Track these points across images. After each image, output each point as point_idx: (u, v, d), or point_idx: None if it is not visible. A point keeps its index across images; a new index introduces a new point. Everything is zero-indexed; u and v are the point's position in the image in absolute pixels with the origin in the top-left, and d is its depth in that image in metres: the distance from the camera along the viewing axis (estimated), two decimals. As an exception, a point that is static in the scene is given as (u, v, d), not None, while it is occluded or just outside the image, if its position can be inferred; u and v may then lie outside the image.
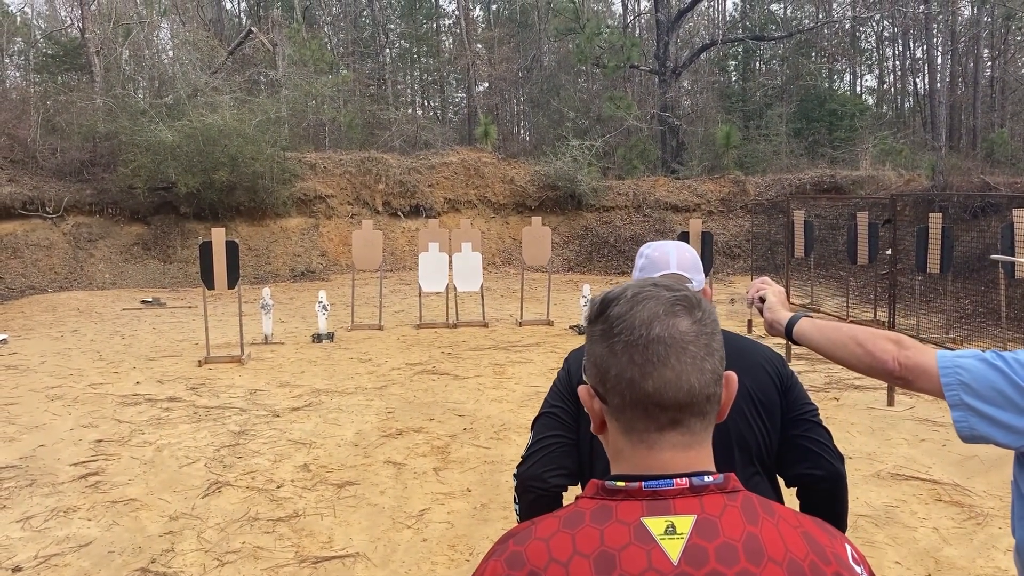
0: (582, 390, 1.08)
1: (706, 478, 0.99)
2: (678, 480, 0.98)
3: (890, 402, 7.68)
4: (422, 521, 5.11)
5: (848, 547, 1.01)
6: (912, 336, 10.54)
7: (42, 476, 6.03)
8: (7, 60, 30.08)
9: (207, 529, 5.02)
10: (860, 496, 5.33)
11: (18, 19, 30.64)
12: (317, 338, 11.67)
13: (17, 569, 4.52)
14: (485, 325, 12.92)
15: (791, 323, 1.89)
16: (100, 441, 6.88)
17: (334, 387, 8.82)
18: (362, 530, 4.99)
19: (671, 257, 2.09)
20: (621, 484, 1.00)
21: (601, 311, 1.05)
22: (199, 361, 10.14)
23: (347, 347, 11.25)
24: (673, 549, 0.94)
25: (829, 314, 13.32)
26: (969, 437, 1.51)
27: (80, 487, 5.78)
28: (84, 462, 6.33)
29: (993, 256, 3.09)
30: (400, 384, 8.93)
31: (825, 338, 1.76)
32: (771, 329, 1.99)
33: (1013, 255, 8.77)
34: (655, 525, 0.95)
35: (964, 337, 10.78)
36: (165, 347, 11.36)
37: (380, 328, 12.74)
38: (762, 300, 2.04)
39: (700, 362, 1.00)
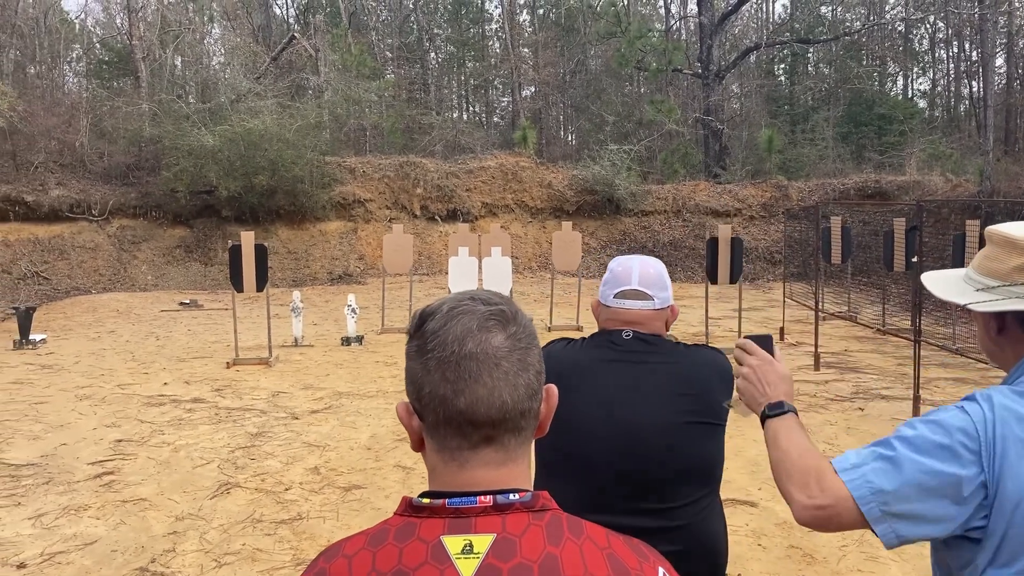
0: (400, 407, 1.06)
1: (512, 496, 0.96)
2: (482, 498, 0.96)
3: (915, 413, 7.49)
4: (422, 527, 5.09)
5: (662, 570, 0.97)
6: (946, 345, 10.29)
7: (59, 475, 6.16)
8: (66, 67, 30.94)
9: (210, 530, 5.08)
10: (870, 510, 5.20)
11: (77, 27, 31.52)
12: (346, 341, 11.76)
13: (22, 566, 4.62)
14: (514, 330, 12.88)
15: (767, 415, 1.60)
16: (120, 441, 7.02)
17: (356, 390, 8.88)
18: (361, 534, 4.99)
19: (633, 273, 2.07)
20: (426, 501, 0.98)
21: (418, 327, 1.04)
22: (227, 363, 10.29)
23: (375, 350, 11.32)
24: (467, 569, 0.91)
25: (866, 325, 13.04)
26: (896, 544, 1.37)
27: (94, 486, 5.89)
28: (101, 461, 6.45)
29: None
30: (421, 388, 8.93)
31: (772, 452, 1.54)
32: (748, 402, 1.69)
33: None
34: (453, 544, 0.93)
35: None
36: (197, 348, 11.55)
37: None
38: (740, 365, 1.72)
39: (513, 378, 0.98)
